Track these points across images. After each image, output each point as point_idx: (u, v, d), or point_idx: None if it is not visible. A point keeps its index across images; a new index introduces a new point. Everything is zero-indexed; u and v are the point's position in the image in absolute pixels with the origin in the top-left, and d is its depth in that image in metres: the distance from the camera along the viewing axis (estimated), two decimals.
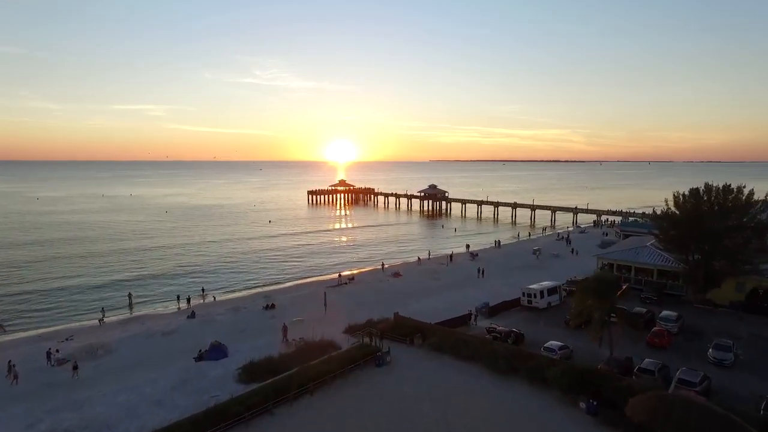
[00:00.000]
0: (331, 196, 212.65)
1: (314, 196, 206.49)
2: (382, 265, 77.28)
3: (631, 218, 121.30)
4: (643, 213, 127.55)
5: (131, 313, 56.21)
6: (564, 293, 52.47)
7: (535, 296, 49.91)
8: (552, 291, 51.14)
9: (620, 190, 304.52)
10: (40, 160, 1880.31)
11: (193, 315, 51.66)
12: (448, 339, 38.64)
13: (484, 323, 45.88)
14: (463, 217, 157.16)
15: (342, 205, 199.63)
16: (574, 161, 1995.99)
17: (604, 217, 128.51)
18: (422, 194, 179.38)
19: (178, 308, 56.91)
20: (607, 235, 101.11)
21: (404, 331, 40.89)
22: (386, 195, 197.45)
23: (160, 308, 58.22)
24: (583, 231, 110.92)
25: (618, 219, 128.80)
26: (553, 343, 37.72)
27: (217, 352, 39.25)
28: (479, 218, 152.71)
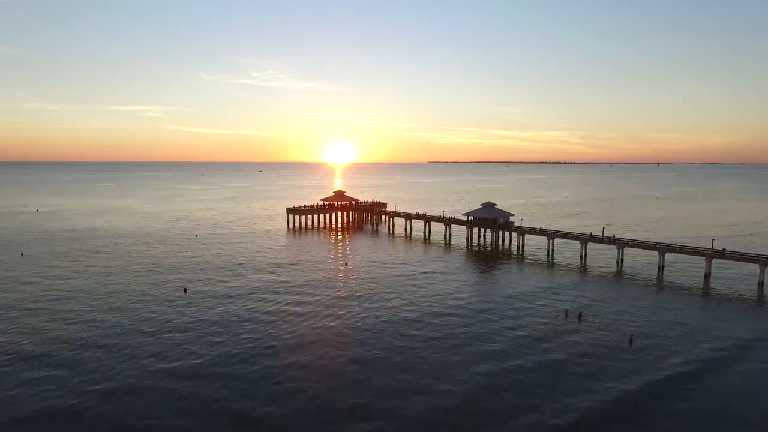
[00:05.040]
0: (321, 216, 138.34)
1: (296, 217, 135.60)
2: None
3: None
4: None
5: None
6: None
7: None
8: None
9: (697, 203, 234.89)
10: (36, 161, 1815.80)
11: None
12: None
13: None
14: (551, 262, 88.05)
15: (337, 232, 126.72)
16: (575, 162, 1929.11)
17: None
18: (472, 218, 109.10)
19: None
20: None
21: None
22: (408, 217, 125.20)
23: None
24: None
25: None
26: None
27: None
28: (584, 267, 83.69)
